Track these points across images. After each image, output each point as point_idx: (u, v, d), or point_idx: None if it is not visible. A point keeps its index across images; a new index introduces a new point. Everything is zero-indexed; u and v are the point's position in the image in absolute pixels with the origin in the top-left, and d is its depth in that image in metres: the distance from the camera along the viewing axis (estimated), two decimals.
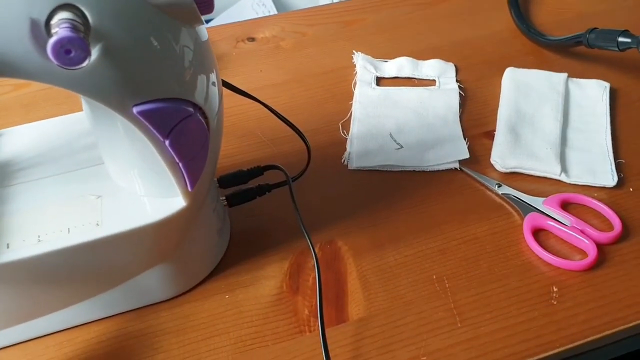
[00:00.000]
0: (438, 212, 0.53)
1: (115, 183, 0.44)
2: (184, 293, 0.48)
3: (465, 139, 0.59)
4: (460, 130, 0.61)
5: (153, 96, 0.35)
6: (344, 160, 0.58)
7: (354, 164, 0.58)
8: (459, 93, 0.65)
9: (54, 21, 0.30)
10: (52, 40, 0.29)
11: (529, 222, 0.51)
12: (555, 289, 0.47)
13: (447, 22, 0.76)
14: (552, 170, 0.55)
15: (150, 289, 0.46)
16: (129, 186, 0.43)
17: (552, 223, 0.51)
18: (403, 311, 0.46)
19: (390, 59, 0.70)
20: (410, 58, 0.70)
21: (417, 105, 0.64)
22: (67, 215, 0.41)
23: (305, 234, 0.48)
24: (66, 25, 0.30)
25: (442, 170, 0.57)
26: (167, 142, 0.37)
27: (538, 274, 0.48)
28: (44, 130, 0.47)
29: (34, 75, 0.32)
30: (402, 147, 0.59)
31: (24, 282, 0.41)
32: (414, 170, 0.57)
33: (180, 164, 0.38)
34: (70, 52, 0.29)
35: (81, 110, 0.48)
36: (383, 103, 0.64)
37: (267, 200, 0.52)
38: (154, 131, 0.36)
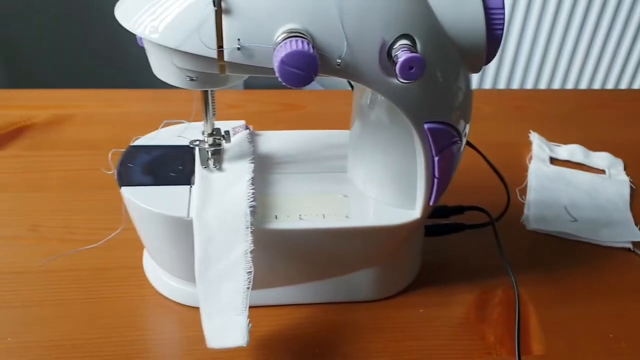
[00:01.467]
0: (612, 282, 0.58)
1: (357, 189, 0.51)
2: (383, 299, 0.54)
3: (637, 225, 0.64)
4: (631, 216, 0.66)
5: (440, 118, 0.43)
6: (522, 221, 0.65)
7: (531, 226, 0.64)
8: (630, 186, 0.70)
9: (396, 45, 0.39)
10: (404, 57, 0.38)
11: None
12: None
13: (612, 123, 0.82)
14: None
15: (359, 288, 0.53)
16: (371, 193, 0.50)
17: None
18: (581, 359, 0.51)
19: (562, 144, 0.77)
20: (582, 146, 0.76)
21: (589, 188, 0.70)
22: (321, 205, 0.49)
23: (509, 271, 0.54)
24: (406, 49, 0.39)
25: (615, 247, 0.62)
26: (436, 158, 0.44)
27: None
28: (296, 138, 0.56)
29: (368, 81, 0.40)
30: (576, 220, 0.65)
31: (278, 250, 0.49)
32: (588, 242, 0.62)
33: (436, 180, 0.46)
34: (412, 68, 0.38)
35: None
36: (557, 180, 0.71)
37: (456, 238, 0.59)
38: (432, 146, 0.44)
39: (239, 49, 0.38)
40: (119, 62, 1.57)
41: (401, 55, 0.38)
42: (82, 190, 0.65)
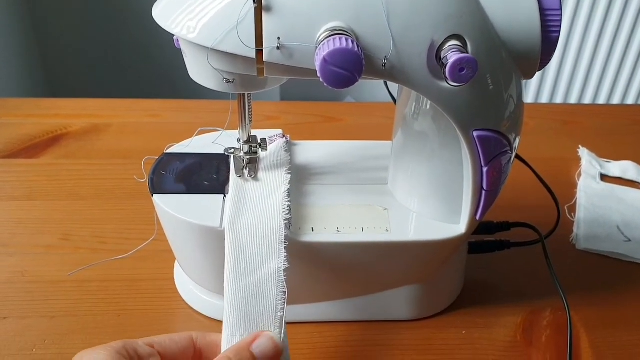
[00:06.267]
0: None
1: (398, 201, 0.49)
2: (423, 319, 0.51)
3: None
4: None
5: (491, 126, 0.40)
6: (572, 240, 0.61)
7: (582, 245, 0.60)
8: None
9: (445, 46, 0.37)
10: (455, 57, 0.35)
11: None
12: None
13: None
14: None
15: (399, 307, 0.50)
16: (412, 206, 0.48)
17: None
18: None
19: (613, 160, 0.73)
20: (635, 163, 0.72)
21: None
22: (360, 217, 0.47)
23: (560, 291, 0.50)
24: (457, 49, 0.36)
25: None
26: (485, 169, 0.42)
27: None
28: (335, 148, 0.54)
29: (415, 84, 0.38)
30: (630, 240, 0.61)
31: (314, 264, 0.46)
32: None
33: (484, 192, 0.43)
34: (463, 69, 0.36)
35: None
36: (608, 197, 0.67)
37: (501, 257, 0.55)
38: (481, 155, 0.41)
39: (278, 48, 0.36)
40: (155, 72, 1.58)
41: (451, 56, 0.36)
42: (115, 200, 0.64)
